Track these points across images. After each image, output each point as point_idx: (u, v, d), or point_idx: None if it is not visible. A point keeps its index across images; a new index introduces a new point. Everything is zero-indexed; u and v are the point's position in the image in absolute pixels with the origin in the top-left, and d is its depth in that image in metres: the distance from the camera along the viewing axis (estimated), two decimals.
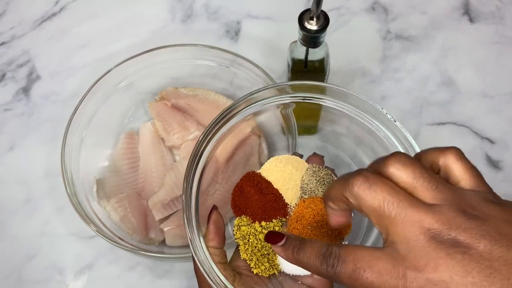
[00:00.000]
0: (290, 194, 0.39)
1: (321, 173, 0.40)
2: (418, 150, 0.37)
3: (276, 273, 0.37)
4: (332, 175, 0.41)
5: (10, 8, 0.71)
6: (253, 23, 0.69)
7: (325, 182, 0.40)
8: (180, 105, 0.60)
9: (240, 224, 0.38)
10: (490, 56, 0.65)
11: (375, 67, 0.65)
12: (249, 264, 0.37)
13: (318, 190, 0.39)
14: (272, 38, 0.67)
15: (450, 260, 0.22)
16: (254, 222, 0.38)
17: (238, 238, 0.38)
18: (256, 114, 0.43)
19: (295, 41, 0.47)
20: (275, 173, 0.40)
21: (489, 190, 0.26)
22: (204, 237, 0.36)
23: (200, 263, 0.34)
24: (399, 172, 0.25)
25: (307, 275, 0.37)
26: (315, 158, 0.42)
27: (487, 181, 0.27)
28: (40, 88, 0.65)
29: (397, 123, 0.39)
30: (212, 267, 0.34)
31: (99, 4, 0.71)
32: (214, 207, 0.37)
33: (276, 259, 0.37)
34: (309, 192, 0.39)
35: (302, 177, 0.40)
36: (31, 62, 0.67)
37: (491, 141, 0.60)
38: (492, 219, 0.23)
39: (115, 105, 0.59)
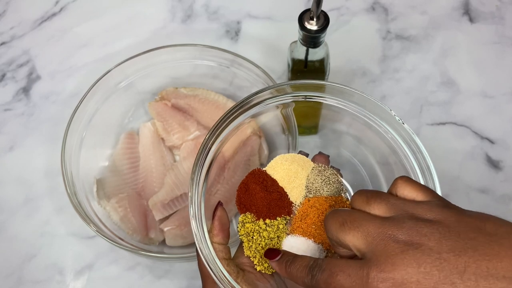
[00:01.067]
0: (295, 193, 0.39)
1: (326, 172, 0.40)
2: (422, 147, 0.39)
3: None
4: (338, 175, 0.41)
5: (10, 8, 0.71)
6: (253, 23, 0.69)
7: (331, 181, 0.40)
8: (180, 105, 0.60)
9: (244, 221, 0.38)
10: (490, 56, 0.65)
11: (375, 67, 0.65)
12: (253, 261, 0.37)
13: (323, 189, 0.39)
14: (272, 38, 0.67)
15: (404, 256, 0.26)
16: (258, 219, 0.38)
17: (242, 235, 0.38)
18: (258, 114, 0.43)
19: (295, 41, 0.47)
20: (281, 171, 0.40)
21: (441, 198, 0.29)
22: (209, 232, 0.36)
23: (204, 258, 0.34)
24: (357, 199, 0.31)
25: None
26: (321, 158, 0.42)
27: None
28: (40, 88, 0.65)
29: (405, 125, 0.39)
30: (216, 262, 0.35)
31: (99, 4, 0.71)
32: (220, 203, 0.38)
33: None
34: (314, 191, 0.39)
35: (308, 176, 0.40)
36: (31, 62, 0.67)
37: (491, 141, 0.60)
38: (441, 220, 0.27)
39: (115, 105, 0.59)
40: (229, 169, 0.56)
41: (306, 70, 0.49)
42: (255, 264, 0.37)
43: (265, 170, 0.40)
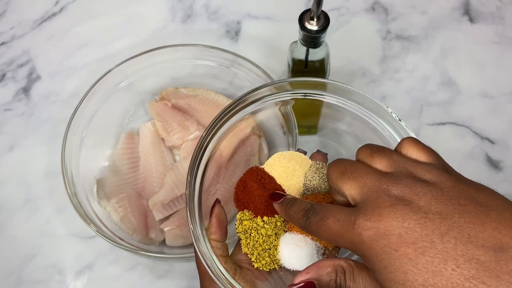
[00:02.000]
0: (293, 190, 0.39)
1: (324, 170, 0.40)
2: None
3: (277, 268, 0.37)
4: None
5: (10, 8, 0.71)
6: (253, 23, 0.69)
7: None
8: (180, 105, 0.60)
9: (242, 218, 0.38)
10: (490, 56, 0.65)
11: (375, 67, 0.65)
12: (250, 258, 0.37)
13: (321, 187, 0.39)
14: (272, 38, 0.67)
15: (392, 209, 0.26)
16: (256, 217, 0.38)
17: (240, 232, 0.38)
18: (256, 112, 0.43)
19: (296, 41, 0.47)
20: (279, 168, 0.40)
21: (444, 163, 0.30)
22: (207, 230, 0.37)
23: (202, 256, 0.34)
24: (362, 151, 0.32)
25: None
26: (319, 155, 0.42)
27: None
28: (40, 88, 0.65)
29: (402, 122, 0.39)
30: (213, 260, 0.35)
31: (99, 4, 0.71)
32: (217, 201, 0.38)
33: (277, 254, 0.37)
34: (312, 189, 0.39)
35: (305, 173, 0.40)
36: (31, 62, 0.67)
37: (491, 141, 0.60)
38: (437, 183, 0.27)
39: (115, 105, 0.59)
40: (228, 168, 0.56)
41: (307, 70, 0.49)
42: (253, 261, 0.37)
43: (263, 168, 0.40)
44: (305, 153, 0.42)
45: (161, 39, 0.67)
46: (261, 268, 0.37)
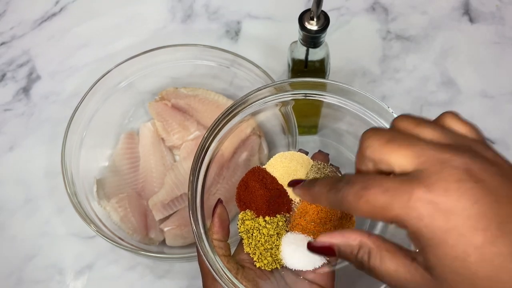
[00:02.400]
0: None
1: (326, 170, 0.40)
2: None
3: (279, 268, 0.37)
4: (337, 173, 0.41)
5: (10, 8, 0.71)
6: (253, 23, 0.69)
7: None
8: (180, 105, 0.60)
9: (244, 218, 0.38)
10: (490, 56, 0.65)
11: (375, 67, 0.65)
12: (252, 258, 0.37)
13: None
14: (272, 38, 0.67)
15: (461, 185, 0.22)
16: (258, 216, 0.38)
17: (242, 232, 0.38)
18: (257, 113, 0.43)
19: (295, 41, 0.47)
20: (280, 169, 0.40)
21: (486, 141, 0.27)
22: (209, 230, 0.36)
23: (204, 255, 0.34)
24: (402, 120, 0.27)
25: (309, 271, 0.37)
26: (320, 156, 0.42)
27: None
28: (40, 88, 0.65)
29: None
30: (215, 259, 0.35)
31: (99, 4, 0.71)
32: (219, 201, 0.38)
33: (279, 253, 0.37)
34: None
35: (307, 174, 0.40)
36: (31, 62, 0.67)
37: (491, 141, 0.60)
38: (500, 163, 0.24)
39: (115, 105, 0.59)
40: (229, 168, 0.56)
41: (306, 70, 0.49)
42: (255, 261, 0.37)
43: (265, 168, 0.40)
44: (306, 153, 0.42)
45: (161, 39, 0.67)
46: (263, 268, 0.37)
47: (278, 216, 0.38)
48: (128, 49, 0.65)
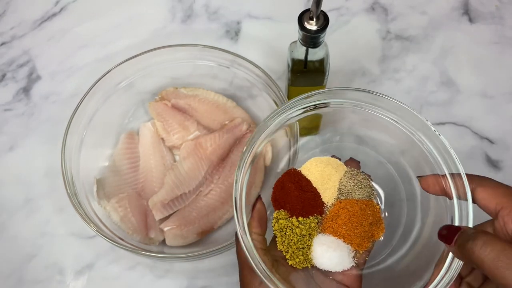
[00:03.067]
0: (328, 194, 0.41)
1: (359, 176, 0.42)
2: (456, 159, 0.39)
3: (309, 267, 0.39)
4: (369, 180, 0.43)
5: (11, 8, 0.71)
6: (253, 23, 0.69)
7: (362, 185, 0.42)
8: (180, 105, 0.60)
9: (278, 217, 0.40)
10: (490, 56, 0.65)
11: (375, 67, 0.65)
12: (285, 256, 0.39)
13: (355, 192, 0.41)
14: (272, 38, 0.67)
15: None
16: (291, 216, 0.40)
17: (276, 230, 0.40)
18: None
19: (295, 41, 0.47)
20: (315, 172, 0.42)
21: None
22: (248, 225, 0.38)
23: (245, 247, 0.36)
24: None
25: (338, 272, 0.39)
26: (353, 163, 0.44)
27: None
28: (40, 88, 0.65)
29: (441, 136, 0.40)
30: (254, 252, 0.36)
31: (99, 4, 0.71)
32: (259, 197, 0.39)
33: (310, 254, 0.39)
34: (346, 193, 0.41)
35: (341, 179, 0.42)
36: (31, 62, 0.67)
37: (490, 141, 0.60)
38: None
39: (115, 105, 0.59)
40: (225, 168, 0.56)
41: (306, 70, 0.49)
42: (287, 258, 0.39)
43: (300, 171, 0.42)
44: (339, 159, 0.44)
45: (161, 39, 0.67)
46: (294, 266, 0.39)
47: (311, 217, 0.40)
48: (128, 49, 0.65)
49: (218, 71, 0.60)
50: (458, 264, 0.34)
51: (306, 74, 0.49)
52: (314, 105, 0.42)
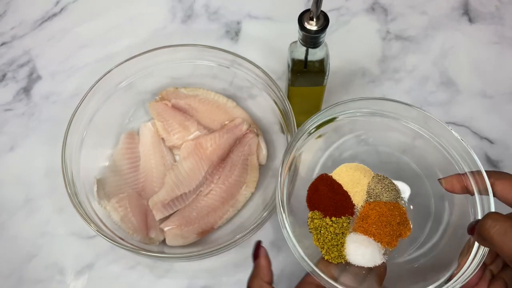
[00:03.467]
0: (358, 197, 0.45)
1: (385, 181, 0.46)
2: (475, 158, 0.42)
3: (343, 262, 0.42)
4: (395, 184, 0.47)
5: (11, 8, 0.71)
6: (253, 23, 0.69)
7: (389, 189, 0.46)
8: (180, 105, 0.60)
9: (313, 217, 0.44)
10: (489, 56, 0.65)
11: (375, 67, 0.65)
12: (321, 251, 0.43)
13: (382, 195, 0.45)
14: (272, 38, 0.67)
15: None
16: (325, 216, 0.44)
17: (312, 229, 0.44)
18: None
19: (295, 42, 0.47)
20: (346, 177, 0.46)
21: None
22: (253, 275, 0.40)
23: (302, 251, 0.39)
24: None
25: (370, 267, 0.42)
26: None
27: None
28: (40, 88, 0.65)
29: (468, 146, 0.42)
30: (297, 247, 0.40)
31: (99, 4, 0.71)
32: (259, 242, 0.41)
33: (343, 250, 0.42)
34: (374, 196, 0.45)
35: (369, 183, 0.46)
36: (32, 62, 0.67)
37: (490, 141, 0.60)
38: None
39: (116, 105, 0.59)
40: (225, 168, 0.56)
41: (306, 71, 0.49)
42: (323, 254, 0.42)
43: (331, 176, 0.46)
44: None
45: (161, 39, 0.67)
46: (330, 260, 0.42)
47: (343, 217, 0.44)
48: (129, 49, 0.65)
49: (218, 71, 0.60)
50: (484, 250, 0.37)
51: (306, 74, 0.49)
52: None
